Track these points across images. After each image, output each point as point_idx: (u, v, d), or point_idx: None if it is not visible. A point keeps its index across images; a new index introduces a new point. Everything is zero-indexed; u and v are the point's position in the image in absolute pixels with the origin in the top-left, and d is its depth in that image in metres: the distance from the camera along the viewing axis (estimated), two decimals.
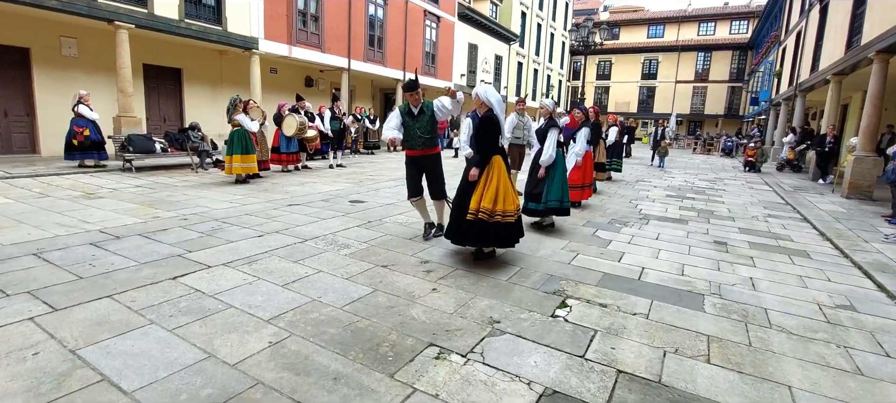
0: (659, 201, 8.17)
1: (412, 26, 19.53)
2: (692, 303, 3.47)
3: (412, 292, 3.40)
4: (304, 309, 3.03)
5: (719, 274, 4.23)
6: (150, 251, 4.05)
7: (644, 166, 14.98)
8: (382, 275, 3.71)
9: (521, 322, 3.00)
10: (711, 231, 5.98)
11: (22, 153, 10.59)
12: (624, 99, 38.98)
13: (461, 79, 23.55)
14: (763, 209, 7.90)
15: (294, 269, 3.75)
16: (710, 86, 35.74)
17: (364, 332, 2.75)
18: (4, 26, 9.73)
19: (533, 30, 31.78)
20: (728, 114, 34.78)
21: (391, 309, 3.09)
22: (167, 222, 5.12)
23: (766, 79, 21.49)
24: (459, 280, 3.70)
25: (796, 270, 4.46)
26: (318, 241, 4.58)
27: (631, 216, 6.70)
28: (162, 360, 2.35)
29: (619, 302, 3.42)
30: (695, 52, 36.11)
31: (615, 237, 5.40)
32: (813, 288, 3.96)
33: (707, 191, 9.87)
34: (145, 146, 9.28)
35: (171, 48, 12.71)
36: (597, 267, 4.21)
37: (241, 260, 3.90)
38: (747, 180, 12.47)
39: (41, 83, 10.62)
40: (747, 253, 4.97)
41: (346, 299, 3.21)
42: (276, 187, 7.85)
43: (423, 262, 4.11)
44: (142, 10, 10.63)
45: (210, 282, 3.38)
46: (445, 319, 2.98)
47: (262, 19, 13.46)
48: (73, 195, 6.51)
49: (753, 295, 3.70)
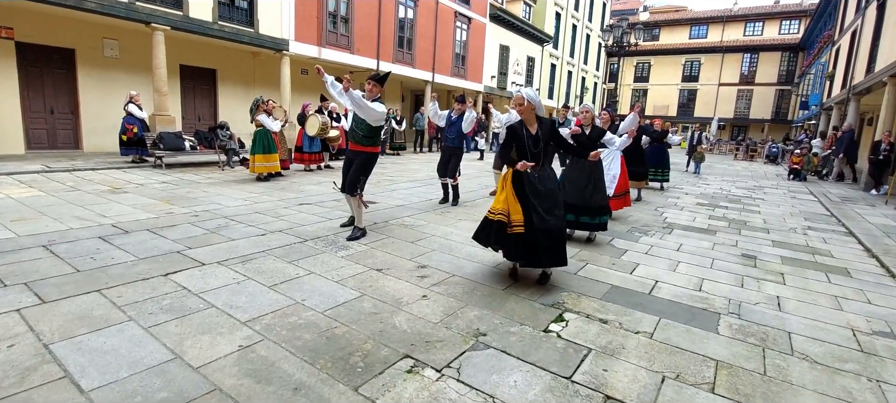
0: (688, 209, 7.70)
1: (442, 27, 19.48)
2: (705, 323, 3.17)
3: (401, 298, 3.27)
4: (285, 311, 2.95)
5: (742, 291, 3.87)
6: (152, 246, 4.10)
7: (678, 172, 14.27)
8: (374, 279, 3.60)
9: (510, 336, 2.81)
10: (741, 243, 5.54)
11: (66, 148, 11.21)
12: (663, 102, 37.55)
13: (491, 81, 23.32)
14: (803, 220, 7.30)
15: (286, 270, 3.70)
16: (757, 89, 33.85)
17: (339, 339, 2.64)
18: (52, 28, 10.33)
19: (568, 31, 31.11)
20: (775, 118, 32.82)
21: (374, 316, 2.96)
22: (178, 218, 5.21)
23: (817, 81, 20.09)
24: (453, 287, 3.54)
25: (832, 290, 4.03)
26: (319, 242, 4.53)
27: (654, 225, 6.32)
28: (128, 359, 2.31)
29: (622, 318, 3.16)
30: (740, 53, 34.29)
31: (632, 247, 5.08)
32: (849, 311, 3.55)
33: (743, 199, 9.24)
34: (175, 144, 9.61)
35: (207, 50, 13.15)
36: (605, 279, 3.94)
37: (237, 259, 3.88)
38: (791, 189, 11.63)
39: (85, 82, 11.21)
40: (778, 269, 4.55)
41: (330, 303, 3.12)
42: (293, 186, 7.92)
43: (421, 267, 3.97)
44: (177, 13, 11.03)
45: (199, 280, 3.37)
46: (428, 329, 2.83)
47: (293, 21, 13.72)
48: (100, 190, 6.77)
49: (777, 317, 3.35)
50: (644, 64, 38.70)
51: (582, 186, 5.06)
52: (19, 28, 9.99)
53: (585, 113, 5.14)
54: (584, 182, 5.08)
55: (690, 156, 14.33)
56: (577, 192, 5.08)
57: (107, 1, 9.74)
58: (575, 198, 5.05)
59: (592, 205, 5.05)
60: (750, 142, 25.96)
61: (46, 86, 10.78)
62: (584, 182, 5.08)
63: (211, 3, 11.66)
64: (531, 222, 3.53)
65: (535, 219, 3.53)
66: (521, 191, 3.64)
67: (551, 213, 3.60)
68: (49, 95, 10.86)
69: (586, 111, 5.14)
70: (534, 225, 3.52)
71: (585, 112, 5.15)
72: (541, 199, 3.59)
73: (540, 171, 3.64)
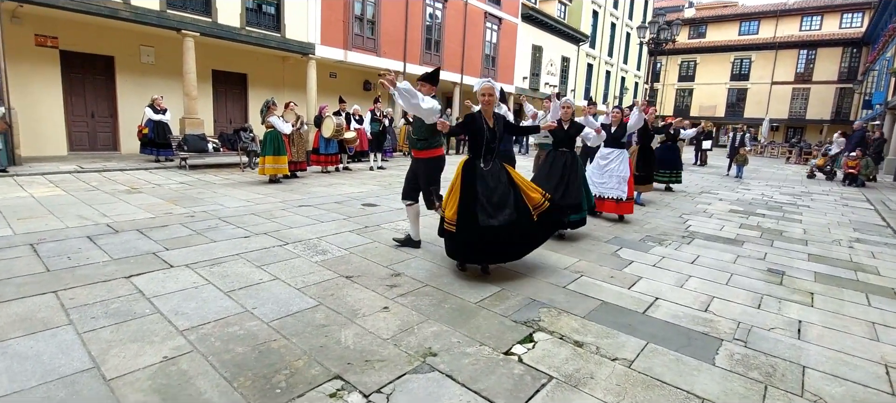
0: (717, 217, 7.03)
1: (471, 28, 19.22)
2: (701, 351, 2.73)
3: (359, 309, 3.04)
4: (229, 320, 2.79)
5: (758, 313, 3.37)
6: (132, 247, 4.09)
7: (718, 176, 13.28)
8: (339, 288, 3.39)
9: (463, 357, 2.51)
10: (770, 256, 4.93)
11: (105, 150, 11.82)
12: (709, 102, 35.51)
13: (523, 82, 22.80)
14: (852, 231, 6.47)
15: (252, 275, 3.56)
16: (814, 88, 31.27)
17: (272, 354, 2.44)
18: (93, 37, 10.92)
19: (606, 30, 30.02)
20: (836, 118, 30.12)
21: (321, 329, 2.74)
22: (174, 218, 5.24)
23: (882, 78, 18.23)
24: (421, 298, 3.27)
25: (871, 314, 3.44)
26: (299, 245, 4.38)
27: (673, 233, 5.78)
28: (46, 367, 2.20)
29: (602, 341, 2.78)
30: (796, 49, 31.80)
31: (640, 257, 4.61)
32: (886, 342, 2.99)
33: (785, 207, 8.38)
34: (198, 145, 9.88)
35: (238, 55, 13.54)
36: (596, 294, 3.54)
37: (208, 262, 3.79)
38: (844, 195, 10.49)
39: (123, 88, 11.79)
40: (808, 288, 3.97)
41: (281, 312, 2.93)
42: (302, 188, 7.90)
43: (394, 275, 3.73)
44: (207, 19, 11.40)
45: (158, 284, 3.28)
46: (374, 346, 2.58)
47: (319, 25, 13.89)
48: (118, 190, 6.99)
49: (793, 346, 2.85)
50: (689, 62, 36.75)
51: (552, 186, 4.89)
52: (63, 37, 10.63)
53: (566, 108, 5.11)
54: (555, 181, 4.96)
55: (732, 159, 13.30)
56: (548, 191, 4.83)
57: (139, 9, 10.18)
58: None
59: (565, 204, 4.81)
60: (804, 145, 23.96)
61: (87, 92, 11.41)
62: (555, 181, 4.96)
63: (239, 9, 11.98)
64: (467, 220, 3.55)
65: (481, 217, 3.53)
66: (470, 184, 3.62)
67: (500, 209, 3.58)
68: (90, 100, 11.49)
69: (567, 106, 5.12)
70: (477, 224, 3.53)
71: (566, 107, 5.11)
72: (490, 193, 3.60)
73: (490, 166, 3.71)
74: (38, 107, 10.41)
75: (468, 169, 3.70)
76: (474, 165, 3.70)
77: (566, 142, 5.20)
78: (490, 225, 3.52)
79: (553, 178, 5.03)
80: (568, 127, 5.19)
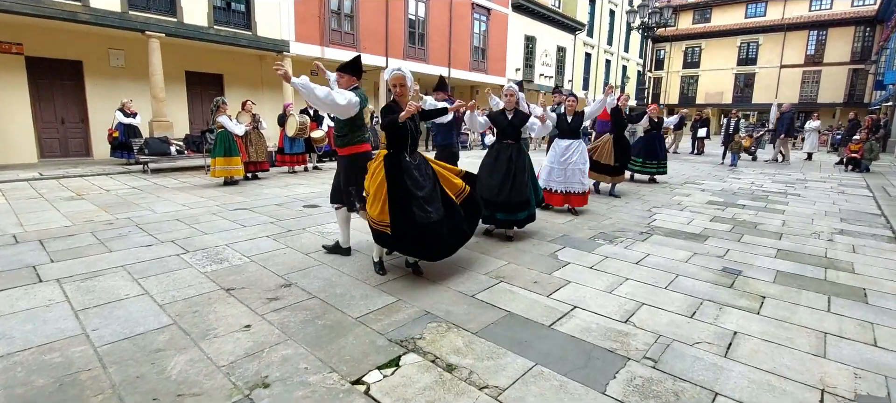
0: (690, 209, 6.50)
1: (458, 21, 18.71)
2: (596, 374, 2.30)
3: (214, 329, 2.66)
4: (56, 345, 2.43)
5: (688, 323, 2.90)
6: (15, 260, 3.77)
7: (711, 165, 12.64)
8: (209, 303, 3.01)
9: (299, 388, 2.11)
10: (732, 253, 4.43)
11: (77, 156, 11.65)
12: (716, 89, 34.42)
13: (516, 74, 22.22)
14: (839, 222, 5.91)
15: (122, 289, 3.20)
16: (825, 70, 30.04)
17: (72, 387, 2.07)
18: (59, 42, 10.72)
19: (604, 17, 29.24)
20: (849, 101, 28.90)
21: (153, 355, 2.37)
22: (90, 226, 4.92)
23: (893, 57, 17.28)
24: (296, 314, 2.88)
25: (825, 323, 2.95)
26: (199, 254, 4.01)
27: (632, 228, 5.29)
28: None
29: (481, 364, 2.36)
30: (805, 30, 30.55)
31: (580, 258, 4.15)
32: (834, 359, 2.51)
33: (772, 196, 7.80)
34: (160, 149, 9.61)
35: (212, 55, 13.26)
36: (506, 304, 3.11)
37: (84, 276, 3.44)
38: (843, 182, 9.82)
39: (92, 92, 11.58)
40: (761, 291, 3.48)
41: (121, 334, 2.56)
42: (254, 189, 7.55)
43: (284, 286, 3.34)
44: (172, 19, 11.11)
45: (8, 303, 2.93)
46: (201, 376, 2.19)
47: (293, 21, 13.54)
48: (62, 197, 6.71)
49: (713, 366, 2.40)
50: (694, 48, 35.67)
51: (498, 183, 4.51)
52: (28, 43, 10.43)
53: (509, 96, 4.69)
54: (499, 178, 4.54)
55: (726, 147, 12.64)
56: (492, 188, 4.53)
57: (100, 11, 9.93)
58: (489, 194, 4.49)
59: (512, 202, 4.50)
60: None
61: (56, 97, 11.22)
62: (499, 178, 4.54)
63: (206, 8, 11.67)
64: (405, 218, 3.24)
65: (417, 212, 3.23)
66: (397, 180, 3.28)
67: (431, 204, 3.30)
68: (59, 106, 11.31)
69: (510, 93, 4.70)
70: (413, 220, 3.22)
71: (509, 94, 4.70)
72: (420, 189, 3.29)
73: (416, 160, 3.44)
74: (4, 116, 10.24)
75: (392, 163, 3.32)
76: (399, 159, 3.35)
77: (510, 134, 4.76)
78: (430, 222, 3.23)
79: (497, 174, 4.59)
80: (512, 116, 4.76)
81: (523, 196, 4.55)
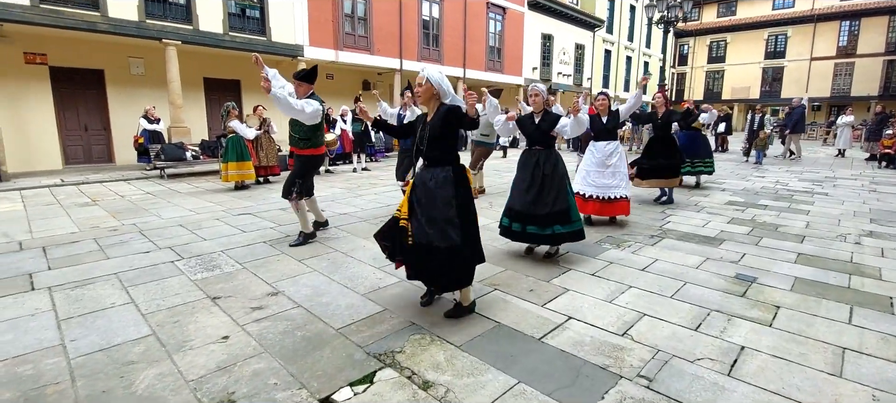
0: (708, 211, 6.19)
1: (473, 21, 18.56)
2: (584, 393, 2.13)
3: (192, 340, 2.60)
4: (30, 357, 2.41)
5: (691, 336, 2.70)
6: (14, 267, 3.82)
7: (735, 163, 12.12)
8: (192, 312, 2.96)
9: None
10: (747, 259, 4.15)
11: (100, 162, 11.99)
12: (742, 83, 33.23)
13: (533, 73, 21.92)
14: (868, 223, 5.52)
15: (109, 298, 3.18)
16: (859, 62, 28.60)
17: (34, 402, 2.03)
18: (81, 52, 11.06)
19: (624, 13, 28.62)
20: (885, 94, 27.48)
21: (124, 368, 2.32)
22: (95, 233, 4.99)
23: None
24: (277, 324, 2.80)
25: (845, 336, 2.70)
26: (193, 260, 4.00)
27: (643, 232, 5.05)
28: None
29: (460, 381, 2.22)
30: (837, 20, 29.18)
31: (584, 264, 3.96)
32: (850, 378, 2.27)
33: (797, 195, 7.37)
34: (176, 154, 9.79)
35: (228, 62, 13.47)
36: (497, 314, 2.96)
37: (76, 284, 3.45)
38: (875, 179, 9.24)
39: (114, 100, 11.92)
40: (776, 300, 3.22)
41: (98, 345, 2.53)
42: (263, 194, 7.59)
43: (271, 294, 3.27)
44: (188, 27, 11.34)
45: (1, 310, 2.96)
46: (167, 392, 2.12)
47: (307, 26, 13.66)
48: (76, 203, 6.87)
49: (714, 386, 2.20)
50: (719, 42, 34.53)
51: (524, 189, 4.06)
52: (52, 54, 10.79)
53: (534, 96, 4.08)
54: (526, 183, 4.06)
55: (751, 144, 12.11)
56: (519, 196, 4.10)
57: (117, 21, 10.20)
58: (518, 204, 4.08)
59: (540, 213, 3.97)
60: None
61: (79, 106, 11.59)
62: (526, 183, 4.06)
63: (221, 15, 11.87)
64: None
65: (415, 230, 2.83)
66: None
67: (432, 225, 2.79)
68: (82, 113, 11.67)
69: (535, 94, 4.08)
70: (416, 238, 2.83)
71: (535, 95, 4.08)
72: (421, 207, 2.85)
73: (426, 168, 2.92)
74: (30, 124, 10.61)
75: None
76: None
77: (539, 139, 4.12)
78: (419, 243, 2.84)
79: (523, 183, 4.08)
80: (539, 119, 4.10)
81: (549, 207, 3.96)
